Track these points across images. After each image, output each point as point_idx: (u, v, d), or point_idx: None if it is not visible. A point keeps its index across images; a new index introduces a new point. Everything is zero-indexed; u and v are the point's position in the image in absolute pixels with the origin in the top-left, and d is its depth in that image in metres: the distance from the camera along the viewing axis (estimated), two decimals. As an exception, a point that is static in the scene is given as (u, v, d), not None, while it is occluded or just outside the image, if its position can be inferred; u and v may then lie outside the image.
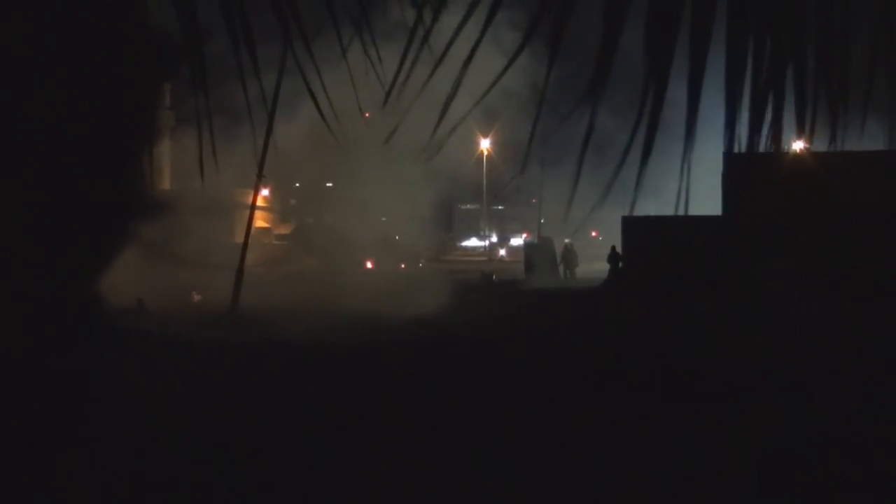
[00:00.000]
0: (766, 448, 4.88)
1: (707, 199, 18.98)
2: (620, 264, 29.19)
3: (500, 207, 67.99)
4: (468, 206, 67.48)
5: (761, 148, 2.07)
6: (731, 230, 19.45)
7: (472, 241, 66.57)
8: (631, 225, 22.67)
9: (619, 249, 29.54)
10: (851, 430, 6.64)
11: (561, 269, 38.03)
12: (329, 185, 34.20)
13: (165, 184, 29.46)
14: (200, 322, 21.46)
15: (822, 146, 2.19)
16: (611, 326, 17.75)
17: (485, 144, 49.91)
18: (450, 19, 2.11)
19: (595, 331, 17.88)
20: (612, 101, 2.15)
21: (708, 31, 2.00)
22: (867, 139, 2.35)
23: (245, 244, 24.68)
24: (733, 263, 17.90)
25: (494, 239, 65.50)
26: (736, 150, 2.07)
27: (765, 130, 2.05)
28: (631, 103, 2.09)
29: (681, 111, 2.11)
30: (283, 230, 36.99)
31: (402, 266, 33.43)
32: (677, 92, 2.10)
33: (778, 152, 2.09)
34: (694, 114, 2.08)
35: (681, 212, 2.10)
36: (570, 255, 38.24)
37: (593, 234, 51.64)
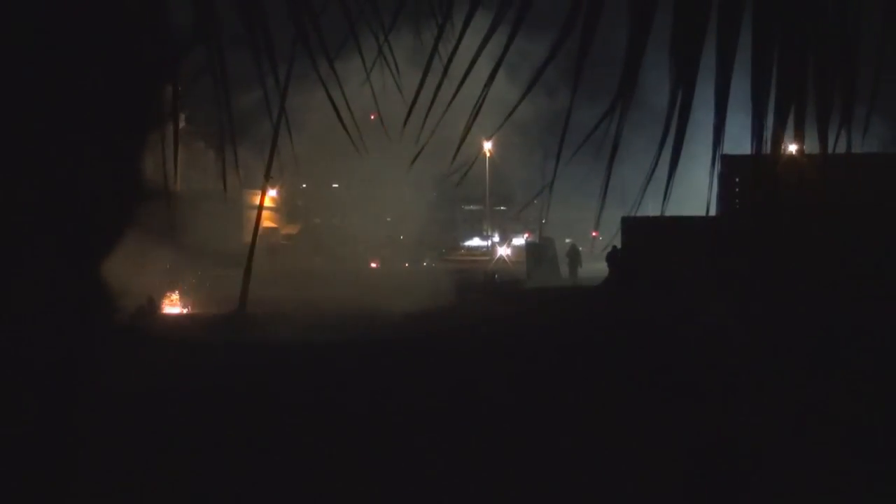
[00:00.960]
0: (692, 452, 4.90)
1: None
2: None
3: (502, 208, 67.95)
4: (471, 206, 67.41)
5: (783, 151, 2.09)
6: (726, 231, 19.61)
7: (475, 241, 66.50)
8: (631, 225, 22.72)
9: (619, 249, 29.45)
10: (775, 434, 6.72)
11: (564, 268, 38.29)
12: (335, 185, 34.33)
13: (176, 184, 29.59)
14: (209, 321, 21.59)
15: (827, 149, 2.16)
16: (605, 326, 17.75)
17: (487, 146, 50.05)
18: (463, 36, 2.11)
19: (589, 330, 17.84)
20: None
21: (734, 37, 1.99)
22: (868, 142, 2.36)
23: (253, 244, 24.83)
24: (728, 264, 18.08)
25: (496, 238, 65.50)
26: (764, 151, 2.06)
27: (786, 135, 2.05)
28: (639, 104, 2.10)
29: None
30: (290, 230, 37.06)
31: (406, 265, 33.59)
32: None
33: (800, 154, 2.16)
34: (722, 121, 2.07)
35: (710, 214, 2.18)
36: (574, 255, 38.47)
37: (594, 234, 51.61)
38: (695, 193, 2.67)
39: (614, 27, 2.06)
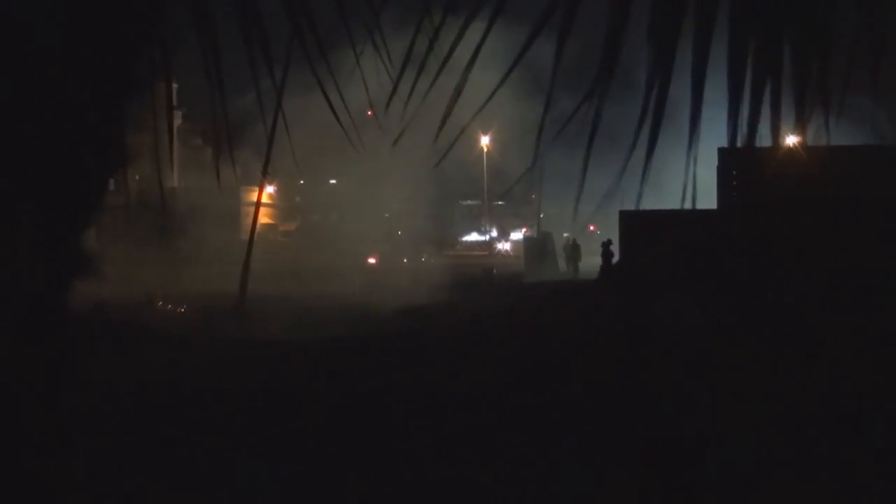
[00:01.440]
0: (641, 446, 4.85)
1: (705, 194, 19.20)
2: (614, 259, 29.11)
3: (500, 203, 68.20)
4: (469, 202, 67.70)
5: (760, 141, 2.04)
6: (725, 224, 19.65)
7: (473, 236, 66.77)
8: (628, 219, 22.78)
9: (614, 244, 29.39)
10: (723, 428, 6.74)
11: (561, 262, 38.41)
12: (333, 182, 34.42)
13: (172, 181, 29.72)
14: (207, 317, 21.65)
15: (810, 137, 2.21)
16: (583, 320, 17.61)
17: (485, 141, 50.28)
18: (454, 24, 2.10)
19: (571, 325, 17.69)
20: (616, 93, 2.17)
21: (711, 23, 2.00)
22: (847, 134, 2.34)
23: (251, 241, 24.95)
24: (728, 257, 18.13)
25: (494, 234, 65.79)
26: (739, 143, 2.05)
27: (762, 122, 2.01)
28: (632, 96, 2.08)
29: (680, 105, 2.07)
30: (289, 227, 37.15)
31: (405, 261, 33.70)
32: (677, 86, 2.03)
33: (776, 145, 2.07)
34: (698, 106, 2.06)
35: (687, 206, 2.10)
36: (572, 250, 38.57)
37: (591, 228, 51.75)
38: (700, 189, 2.62)
39: (600, 9, 2.07)
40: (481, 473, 7.65)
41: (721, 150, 18.96)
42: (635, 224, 22.53)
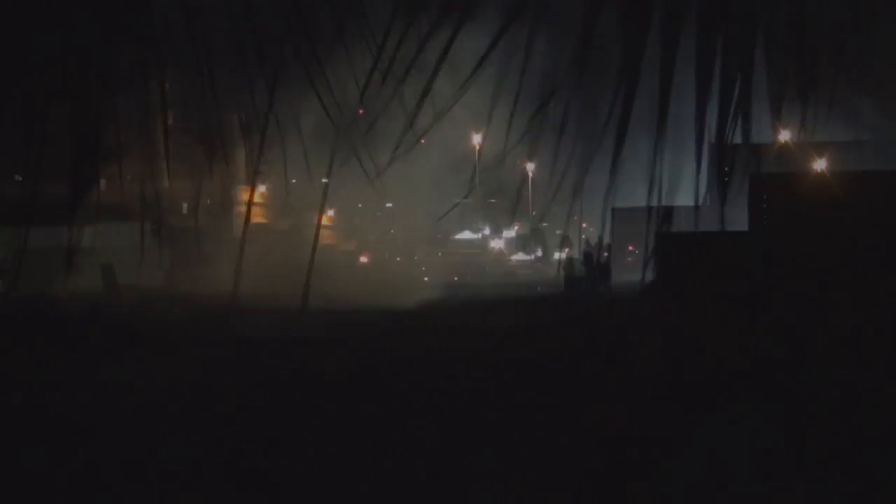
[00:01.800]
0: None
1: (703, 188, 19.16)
2: (606, 255, 28.91)
3: (492, 201, 68.41)
4: (464, 200, 67.82)
5: (731, 138, 2.17)
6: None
7: (466, 234, 66.85)
8: (623, 216, 22.67)
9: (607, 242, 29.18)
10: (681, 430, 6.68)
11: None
12: (325, 181, 34.41)
13: (164, 181, 29.65)
14: (201, 316, 21.62)
15: (786, 133, 2.22)
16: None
17: (476, 140, 50.30)
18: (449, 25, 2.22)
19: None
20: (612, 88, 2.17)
21: (678, 23, 2.08)
22: (833, 130, 2.40)
23: (243, 239, 24.88)
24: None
25: (487, 232, 65.95)
26: (705, 139, 2.15)
27: (731, 118, 2.11)
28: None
29: (676, 102, 2.16)
30: (282, 226, 37.17)
31: (398, 259, 33.74)
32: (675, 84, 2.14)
33: (746, 141, 2.19)
34: (665, 101, 2.16)
35: (654, 203, 2.23)
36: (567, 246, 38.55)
37: (583, 226, 51.72)
38: (688, 186, 2.65)
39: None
40: (480, 472, 7.66)
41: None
42: (629, 221, 22.43)
